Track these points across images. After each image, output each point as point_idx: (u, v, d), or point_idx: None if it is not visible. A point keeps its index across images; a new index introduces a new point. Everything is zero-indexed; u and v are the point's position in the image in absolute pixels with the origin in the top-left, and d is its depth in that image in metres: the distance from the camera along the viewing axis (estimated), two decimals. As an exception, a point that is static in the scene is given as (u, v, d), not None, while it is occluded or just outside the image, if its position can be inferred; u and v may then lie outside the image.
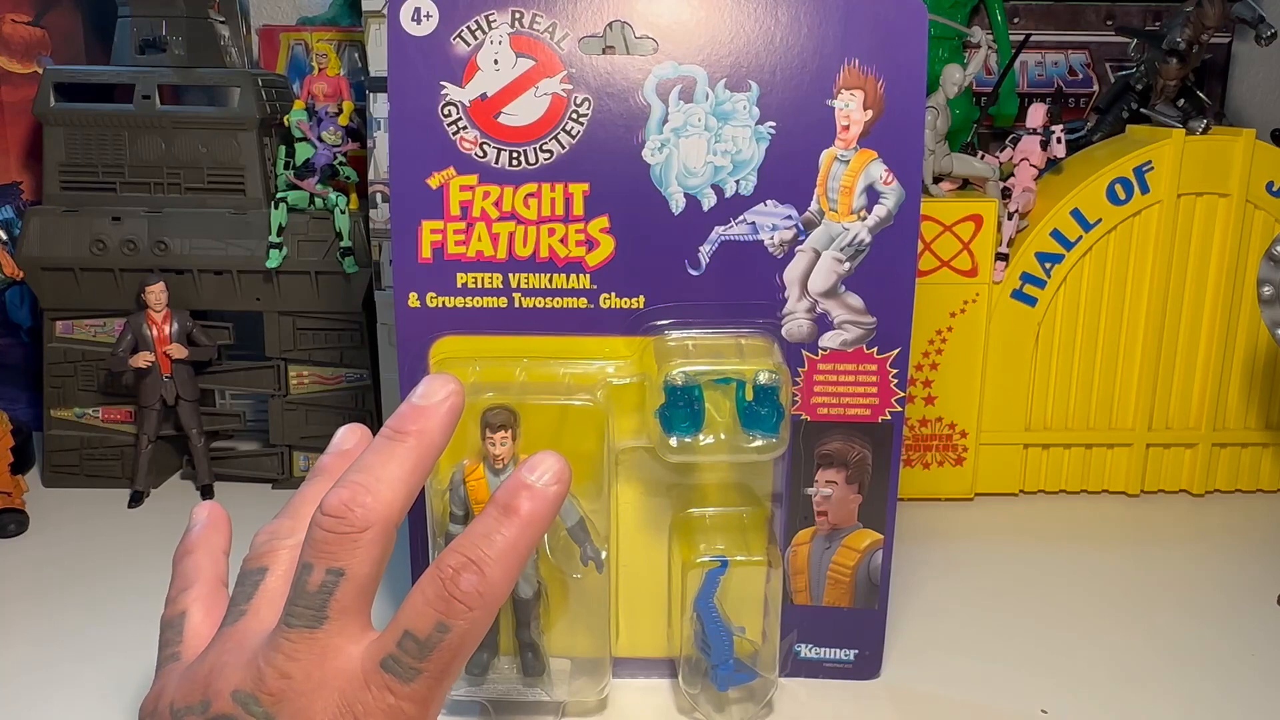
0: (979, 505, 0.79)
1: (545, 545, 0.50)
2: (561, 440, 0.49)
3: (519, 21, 0.49)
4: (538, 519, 0.30)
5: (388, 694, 0.28)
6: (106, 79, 0.79)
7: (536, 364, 0.51)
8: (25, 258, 0.78)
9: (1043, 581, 0.67)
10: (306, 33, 0.91)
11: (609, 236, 0.51)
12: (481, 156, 0.50)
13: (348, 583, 0.29)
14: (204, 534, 0.36)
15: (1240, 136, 0.75)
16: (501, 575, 0.29)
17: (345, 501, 0.29)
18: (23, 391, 0.91)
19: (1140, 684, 0.56)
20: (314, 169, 0.78)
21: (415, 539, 0.53)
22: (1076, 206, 0.76)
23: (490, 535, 0.29)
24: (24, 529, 0.72)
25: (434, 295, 0.51)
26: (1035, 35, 0.93)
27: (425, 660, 0.28)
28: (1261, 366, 0.79)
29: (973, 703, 0.54)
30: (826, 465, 0.53)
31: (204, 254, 0.78)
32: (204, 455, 0.79)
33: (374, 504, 0.29)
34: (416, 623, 0.28)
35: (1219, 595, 0.65)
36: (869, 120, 0.49)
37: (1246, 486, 0.81)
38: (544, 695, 0.51)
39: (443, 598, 0.28)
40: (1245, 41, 0.97)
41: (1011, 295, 0.77)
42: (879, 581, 0.54)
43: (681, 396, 0.48)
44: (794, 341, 0.52)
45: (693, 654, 0.52)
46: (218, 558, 0.36)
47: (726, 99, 0.50)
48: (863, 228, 0.50)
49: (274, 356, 0.80)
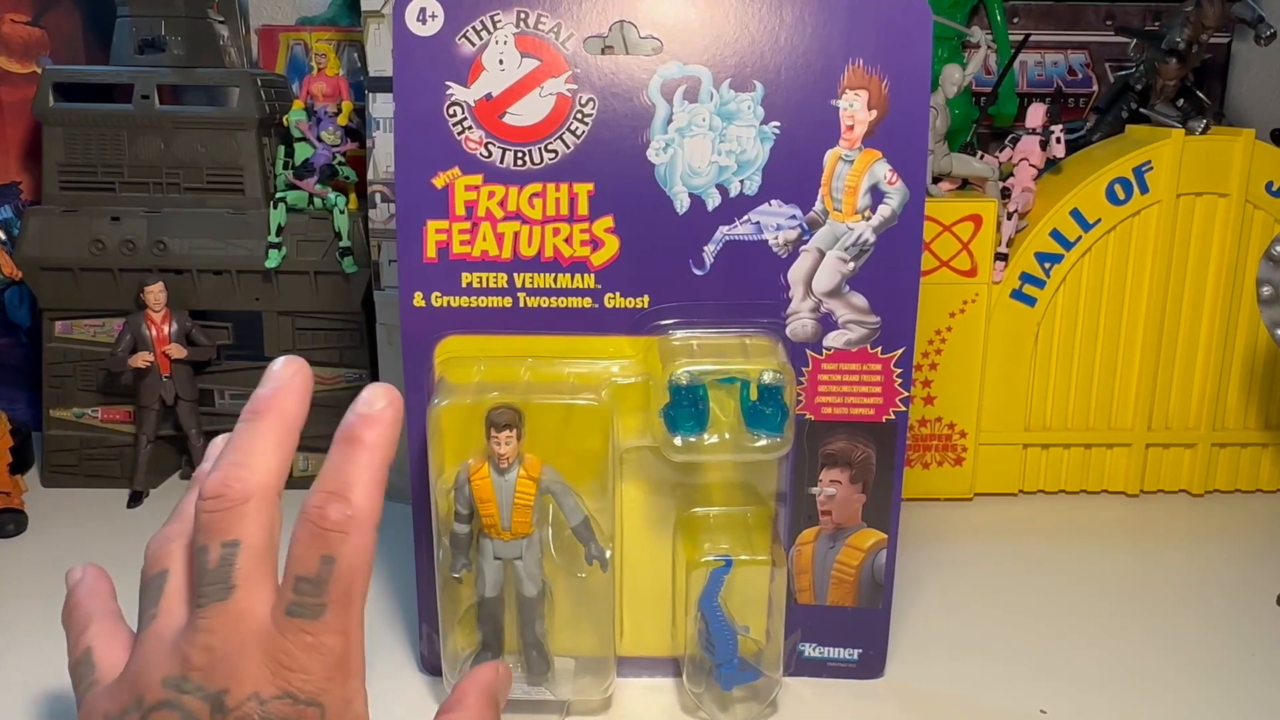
0: (978, 505, 0.79)
1: (550, 544, 0.50)
2: (566, 439, 0.49)
3: (524, 22, 0.49)
4: (382, 441, 0.31)
5: (304, 635, 0.29)
6: (106, 79, 0.79)
7: (541, 363, 0.51)
8: (24, 258, 0.78)
9: (1043, 581, 0.67)
10: (306, 33, 0.91)
11: (614, 236, 0.51)
12: (486, 156, 0.50)
13: (245, 552, 0.30)
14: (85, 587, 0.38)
15: (1240, 136, 0.75)
16: (364, 498, 0.30)
17: (221, 480, 0.30)
18: (22, 391, 0.91)
19: (1140, 684, 0.56)
20: (313, 169, 0.78)
21: (420, 539, 0.53)
22: (1076, 206, 0.76)
23: (342, 467, 0.31)
24: (23, 529, 0.72)
25: (439, 295, 0.51)
26: (1035, 35, 0.93)
27: (324, 594, 0.29)
28: (1261, 366, 0.79)
29: (974, 702, 0.54)
30: (831, 465, 0.53)
31: (203, 254, 0.78)
32: (203, 455, 0.78)
33: (249, 476, 0.31)
34: (303, 565, 0.30)
35: (1219, 595, 0.65)
36: (873, 120, 0.49)
37: (1246, 486, 0.81)
38: (549, 694, 0.51)
39: (317, 535, 0.30)
40: (1245, 41, 0.97)
41: (1011, 295, 0.77)
42: (883, 581, 0.54)
43: (686, 396, 0.48)
44: (798, 341, 0.52)
45: (697, 653, 0.52)
46: (105, 600, 0.37)
47: (731, 99, 0.50)
48: (867, 227, 0.50)
49: (273, 356, 0.80)
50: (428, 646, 0.55)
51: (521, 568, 0.50)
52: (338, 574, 0.30)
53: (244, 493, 0.30)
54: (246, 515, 0.30)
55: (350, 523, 0.30)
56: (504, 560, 0.50)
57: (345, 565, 0.30)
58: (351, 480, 0.30)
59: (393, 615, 0.61)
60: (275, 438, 0.32)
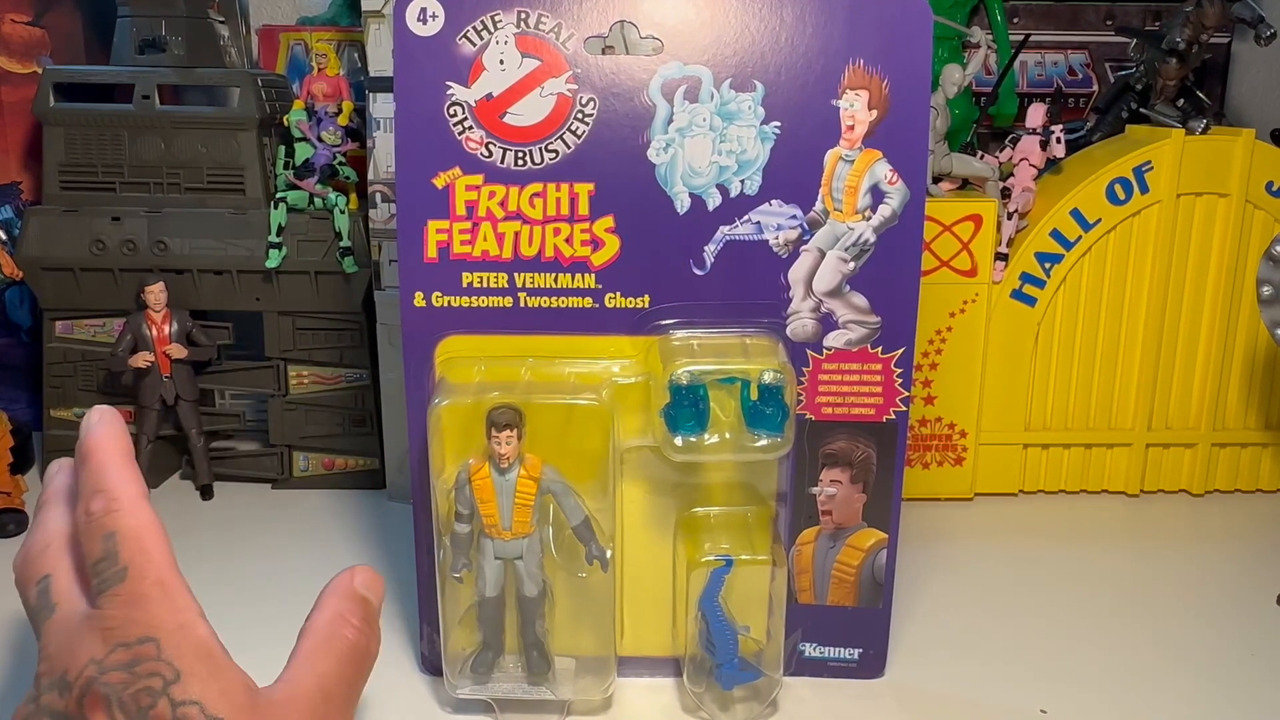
0: (979, 505, 0.80)
1: (551, 544, 0.50)
2: (567, 439, 0.49)
3: (524, 22, 0.49)
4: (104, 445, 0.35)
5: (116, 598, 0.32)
6: (106, 79, 0.79)
7: (542, 363, 0.51)
8: (25, 258, 0.78)
9: (1043, 581, 0.67)
10: (306, 33, 0.91)
11: (614, 236, 0.51)
12: (487, 156, 0.50)
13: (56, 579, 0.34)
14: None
15: (1240, 136, 0.75)
16: (116, 484, 0.34)
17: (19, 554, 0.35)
18: (23, 391, 0.91)
19: (1140, 684, 0.56)
20: (314, 169, 0.78)
21: (420, 539, 0.53)
22: (1076, 206, 0.76)
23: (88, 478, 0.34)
24: (24, 529, 0.72)
25: (439, 295, 0.51)
26: (1035, 35, 0.94)
27: (118, 561, 0.32)
28: (1261, 366, 0.79)
29: (975, 702, 0.54)
30: (831, 464, 0.53)
31: (204, 254, 0.78)
32: (204, 455, 0.79)
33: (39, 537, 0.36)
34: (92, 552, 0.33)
35: (1219, 595, 0.65)
36: (874, 120, 0.49)
37: (1246, 486, 0.81)
38: (549, 694, 0.51)
39: (92, 525, 0.33)
40: (1245, 41, 0.97)
41: (1011, 295, 0.77)
42: (883, 580, 0.54)
43: (686, 396, 0.48)
44: (799, 341, 0.52)
45: (697, 653, 0.52)
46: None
47: (731, 99, 0.50)
48: (867, 227, 0.50)
49: (274, 356, 0.80)
50: (428, 646, 0.55)
51: (522, 567, 0.50)
52: (122, 540, 0.32)
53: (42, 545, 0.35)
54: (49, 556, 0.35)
55: (115, 502, 0.33)
56: (504, 560, 0.50)
57: (127, 532, 0.33)
58: (99, 477, 0.34)
59: (393, 615, 0.61)
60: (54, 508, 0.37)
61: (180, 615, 0.32)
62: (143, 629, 0.31)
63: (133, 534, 0.33)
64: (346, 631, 0.36)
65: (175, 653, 0.31)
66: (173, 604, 0.32)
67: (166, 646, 0.31)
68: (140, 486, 0.35)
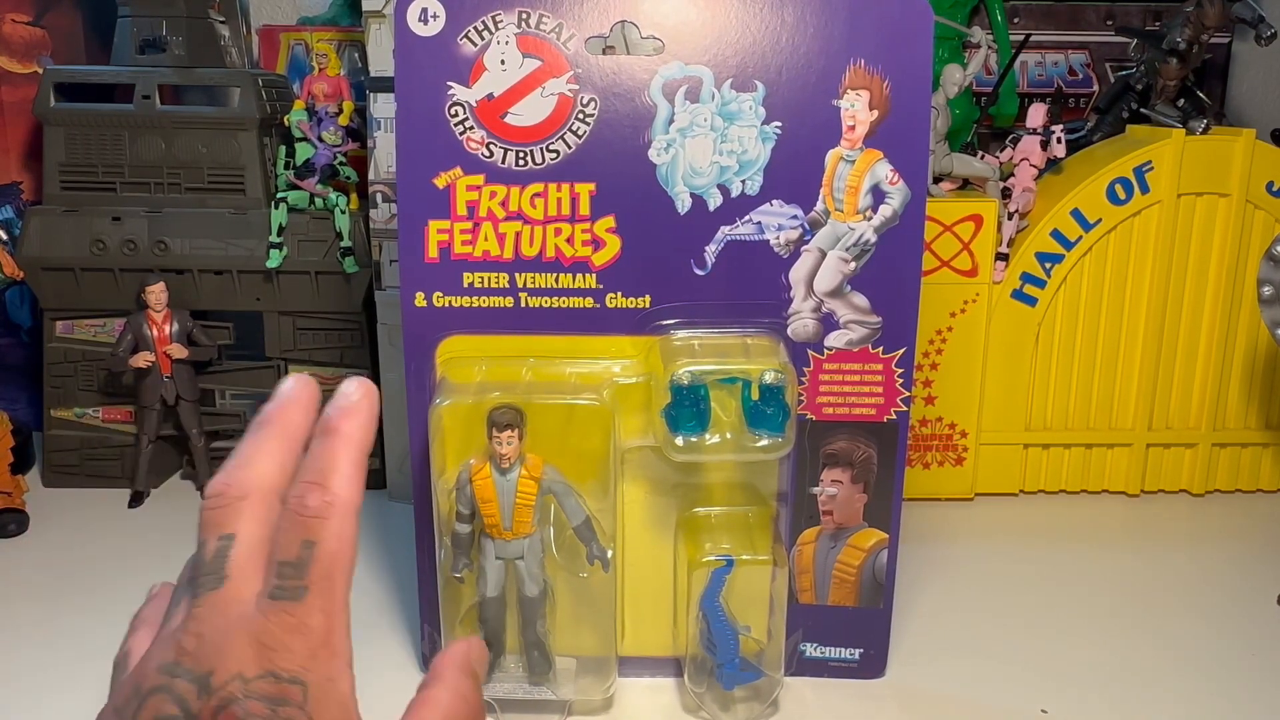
0: (979, 505, 0.80)
1: (552, 544, 0.50)
2: (568, 439, 0.49)
3: (525, 22, 0.49)
4: (357, 431, 0.33)
5: (286, 616, 0.30)
6: (106, 79, 0.79)
7: (543, 363, 0.51)
8: (25, 258, 0.78)
9: (1043, 581, 0.67)
10: (306, 33, 0.91)
11: (615, 236, 0.51)
12: (488, 156, 0.50)
13: (239, 544, 0.31)
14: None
15: (1240, 136, 0.75)
16: (343, 485, 0.31)
17: (222, 480, 0.32)
18: (23, 391, 0.91)
19: (1140, 684, 0.56)
20: (314, 169, 0.78)
21: (421, 538, 0.53)
22: (1076, 206, 0.76)
23: (321, 457, 0.32)
24: (24, 529, 0.72)
25: (440, 295, 0.51)
26: (1035, 35, 0.93)
27: (305, 576, 0.30)
28: (1261, 366, 0.79)
29: (975, 702, 0.54)
30: (832, 464, 0.53)
31: (204, 254, 0.78)
32: (204, 455, 0.79)
33: (248, 475, 0.32)
34: (285, 551, 0.31)
35: (1219, 595, 0.65)
36: (874, 120, 0.49)
37: (1246, 486, 0.81)
38: (550, 694, 0.51)
39: (297, 522, 0.31)
40: (1245, 41, 0.97)
41: (1011, 295, 0.77)
42: (884, 581, 0.54)
43: (687, 396, 0.48)
44: (799, 341, 0.52)
45: (698, 653, 0.52)
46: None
47: (732, 99, 0.50)
48: (868, 228, 0.50)
49: (274, 356, 0.80)
50: (429, 646, 0.55)
51: (523, 567, 0.50)
52: (318, 557, 0.31)
53: (242, 490, 0.31)
54: (243, 511, 0.31)
55: (329, 508, 0.31)
56: (505, 560, 0.50)
57: (326, 549, 0.31)
58: (329, 469, 0.31)
59: (394, 615, 0.61)
60: (277, 443, 0.33)
61: (333, 666, 0.31)
62: (297, 667, 0.30)
63: (329, 557, 0.31)
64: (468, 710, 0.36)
65: (317, 707, 0.30)
66: (331, 650, 0.31)
67: (312, 697, 0.30)
68: (360, 496, 0.32)
